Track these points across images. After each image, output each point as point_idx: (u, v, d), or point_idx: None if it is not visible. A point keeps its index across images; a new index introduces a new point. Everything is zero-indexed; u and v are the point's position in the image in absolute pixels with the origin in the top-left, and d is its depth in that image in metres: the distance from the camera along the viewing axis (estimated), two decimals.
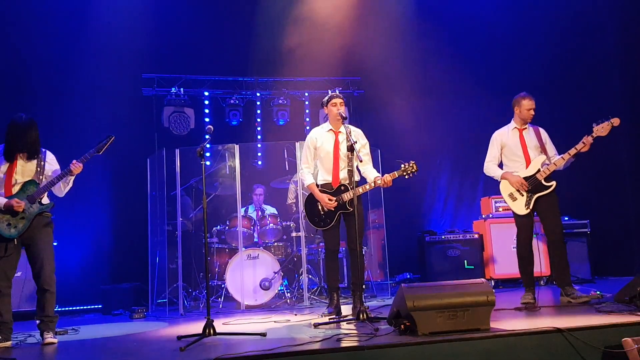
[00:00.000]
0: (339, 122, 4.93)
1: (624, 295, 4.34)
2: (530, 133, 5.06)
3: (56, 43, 7.34)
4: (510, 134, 5.10)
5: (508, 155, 5.09)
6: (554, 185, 4.87)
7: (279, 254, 6.60)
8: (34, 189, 4.30)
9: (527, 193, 4.89)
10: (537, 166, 4.92)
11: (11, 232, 4.21)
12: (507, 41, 8.17)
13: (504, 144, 5.11)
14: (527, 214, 4.90)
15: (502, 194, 5.05)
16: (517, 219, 5.00)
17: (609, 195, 7.42)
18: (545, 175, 4.86)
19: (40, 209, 4.31)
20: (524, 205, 4.89)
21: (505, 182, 5.01)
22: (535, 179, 4.88)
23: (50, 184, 4.32)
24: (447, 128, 8.58)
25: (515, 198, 4.95)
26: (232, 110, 8.27)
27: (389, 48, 8.36)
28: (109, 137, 4.47)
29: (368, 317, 4.12)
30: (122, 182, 7.54)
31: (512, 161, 5.06)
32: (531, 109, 5.00)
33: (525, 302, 4.79)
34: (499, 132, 5.18)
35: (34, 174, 4.35)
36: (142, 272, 6.57)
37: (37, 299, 4.32)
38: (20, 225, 4.23)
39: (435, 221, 8.59)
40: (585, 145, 4.73)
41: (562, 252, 4.88)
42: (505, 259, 6.58)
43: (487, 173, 5.21)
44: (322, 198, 4.84)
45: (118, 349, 4.04)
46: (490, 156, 5.18)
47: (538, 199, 4.88)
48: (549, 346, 3.32)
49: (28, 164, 4.36)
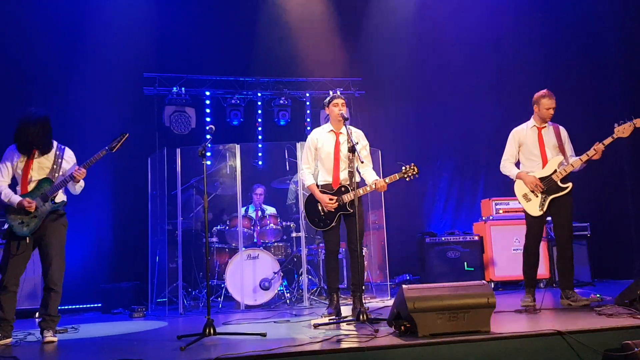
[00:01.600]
0: (340, 123, 4.92)
1: (624, 298, 4.34)
2: (549, 132, 4.94)
3: (57, 42, 7.35)
4: (528, 132, 4.98)
5: (525, 153, 4.98)
6: (570, 186, 4.76)
7: (279, 254, 6.61)
8: (48, 187, 4.33)
9: (542, 194, 4.80)
10: (553, 167, 4.81)
11: (23, 230, 4.25)
12: (508, 43, 8.18)
13: (521, 142, 5.00)
14: (541, 215, 4.82)
15: (517, 194, 4.95)
16: (528, 219, 4.91)
17: (609, 198, 7.43)
18: (562, 176, 4.76)
19: (53, 207, 4.34)
20: (538, 207, 4.80)
21: (520, 182, 4.92)
22: (551, 179, 4.78)
23: (60, 185, 4.35)
24: (448, 129, 8.59)
25: (530, 199, 4.86)
26: (233, 110, 8.26)
27: (390, 49, 8.38)
28: (123, 134, 4.46)
29: (368, 318, 4.11)
30: (123, 181, 7.54)
31: (529, 160, 4.95)
32: (551, 108, 4.88)
33: (525, 304, 4.79)
34: (517, 130, 5.07)
35: (49, 171, 4.37)
36: (142, 271, 6.57)
37: (43, 296, 4.34)
38: (32, 224, 4.27)
39: (435, 223, 8.59)
40: (597, 152, 4.64)
41: (569, 255, 4.83)
42: (506, 261, 6.58)
43: (502, 171, 5.10)
44: (323, 199, 4.84)
45: (118, 348, 4.03)
46: (507, 154, 5.07)
47: (553, 201, 4.79)
48: (549, 349, 3.32)
49: (44, 161, 4.38)
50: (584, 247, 6.74)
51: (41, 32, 7.26)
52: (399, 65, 8.34)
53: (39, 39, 7.27)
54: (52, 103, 7.26)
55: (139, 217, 6.75)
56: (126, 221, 7.47)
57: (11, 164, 4.34)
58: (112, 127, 7.37)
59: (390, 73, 8.39)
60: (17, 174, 4.36)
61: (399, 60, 8.35)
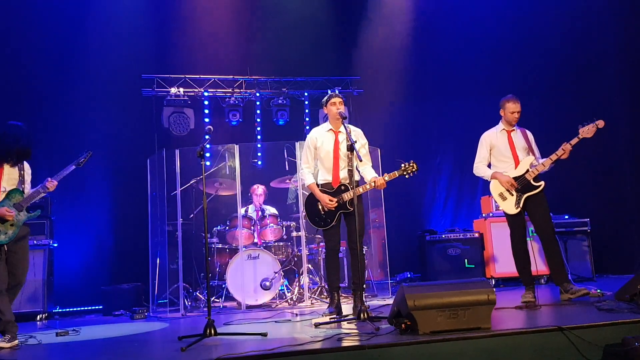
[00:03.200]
0: (338, 122, 4.93)
1: (624, 293, 4.35)
2: (518, 135, 5.11)
3: (56, 44, 7.35)
4: (499, 135, 5.14)
5: (497, 156, 5.13)
6: (543, 185, 4.91)
7: (280, 254, 6.60)
8: (20, 197, 4.40)
9: (517, 192, 4.94)
10: (525, 166, 4.96)
11: (2, 238, 4.30)
12: (506, 41, 8.16)
13: (492, 145, 5.15)
14: (518, 213, 4.94)
15: (492, 193, 5.11)
16: (509, 219, 5.05)
17: (609, 194, 7.43)
18: (534, 175, 4.91)
19: (28, 217, 4.42)
20: (514, 205, 4.94)
21: (496, 181, 5.07)
22: (524, 178, 4.93)
23: (32, 197, 4.43)
24: (447, 127, 8.59)
25: (505, 197, 5.00)
26: (231, 111, 8.26)
27: (388, 48, 8.37)
28: (88, 152, 4.64)
29: (369, 317, 4.12)
30: (123, 182, 7.53)
31: (500, 162, 5.10)
32: (515, 112, 5.04)
33: (525, 300, 4.79)
34: (487, 134, 5.23)
35: (17, 182, 4.44)
36: (142, 273, 6.58)
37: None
38: (10, 232, 4.33)
39: (435, 220, 8.59)
40: (565, 152, 4.78)
41: (556, 250, 4.90)
42: (506, 258, 6.53)
43: (476, 174, 5.27)
44: (323, 198, 4.84)
45: (119, 350, 4.04)
46: (480, 157, 5.23)
47: (527, 199, 4.92)
48: (550, 344, 3.32)
49: (12, 172, 4.45)
50: (584, 243, 6.74)
51: (40, 33, 7.27)
52: (397, 63, 8.34)
53: (38, 40, 7.28)
54: (50, 105, 7.27)
55: (139, 218, 6.74)
56: (126, 223, 7.47)
57: None
58: (110, 129, 7.40)
59: (389, 71, 8.39)
60: None
61: (397, 58, 8.35)
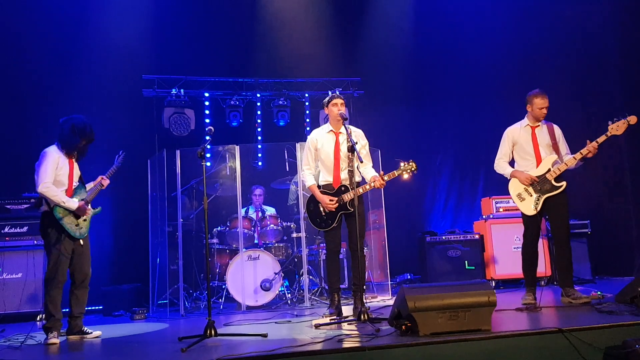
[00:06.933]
0: (339, 123, 4.93)
1: (625, 295, 4.34)
2: (543, 131, 4.94)
3: (56, 45, 7.35)
4: (522, 131, 4.98)
5: (519, 152, 4.99)
6: (564, 185, 4.77)
7: (280, 254, 6.61)
8: (84, 193, 4.53)
9: (536, 193, 4.81)
10: (547, 166, 4.82)
11: (80, 232, 4.46)
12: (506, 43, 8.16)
13: (515, 141, 5.00)
14: (535, 215, 4.82)
15: (511, 193, 4.96)
16: (525, 217, 4.92)
17: (610, 196, 7.42)
18: (556, 175, 4.77)
19: (94, 212, 4.59)
20: (532, 206, 4.81)
21: (515, 181, 4.93)
22: (545, 178, 4.79)
23: (94, 194, 4.60)
24: (447, 128, 8.60)
25: (524, 198, 4.87)
26: (232, 111, 8.25)
27: (389, 49, 8.38)
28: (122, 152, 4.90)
29: (369, 318, 4.12)
30: (123, 183, 7.49)
31: (523, 159, 4.97)
32: (544, 108, 4.87)
33: (526, 302, 4.78)
34: (510, 129, 5.07)
35: (79, 178, 4.59)
36: (142, 273, 6.57)
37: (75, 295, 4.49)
38: (84, 227, 4.49)
39: (435, 222, 8.59)
40: (590, 151, 4.64)
41: (567, 253, 4.83)
42: (506, 260, 6.58)
43: (497, 170, 5.12)
44: (323, 199, 4.84)
45: (119, 350, 4.04)
46: (501, 153, 5.08)
47: (547, 200, 4.80)
48: (550, 346, 3.32)
49: (77, 168, 4.58)
50: (584, 245, 6.73)
51: (40, 34, 7.26)
52: (397, 64, 8.34)
53: (38, 41, 7.27)
54: (51, 105, 7.26)
55: (139, 219, 6.74)
56: (126, 223, 7.47)
57: (55, 167, 4.39)
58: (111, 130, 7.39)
59: (389, 72, 8.39)
60: (58, 177, 4.40)
61: (397, 59, 8.35)
